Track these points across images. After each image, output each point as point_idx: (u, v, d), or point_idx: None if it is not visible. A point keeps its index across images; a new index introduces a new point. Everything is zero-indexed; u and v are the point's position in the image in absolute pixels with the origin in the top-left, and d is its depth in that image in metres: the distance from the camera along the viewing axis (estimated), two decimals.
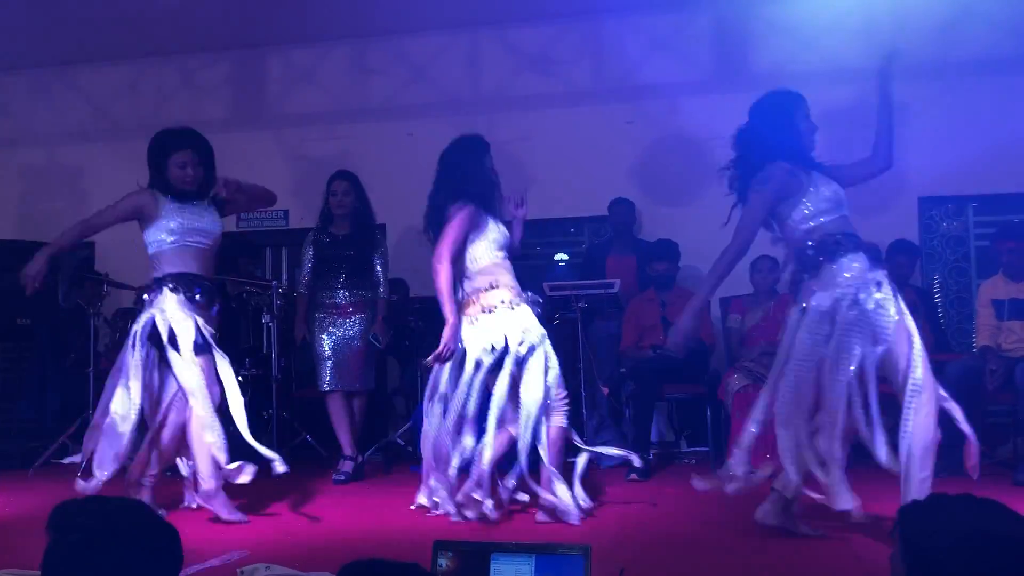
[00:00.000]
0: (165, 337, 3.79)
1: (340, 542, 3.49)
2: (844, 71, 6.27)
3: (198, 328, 3.85)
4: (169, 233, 3.93)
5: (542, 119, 6.85)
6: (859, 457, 5.42)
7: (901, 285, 5.62)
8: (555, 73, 6.87)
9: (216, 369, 3.90)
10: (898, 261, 5.63)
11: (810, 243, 3.32)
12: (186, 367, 3.78)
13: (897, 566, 1.51)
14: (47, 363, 6.10)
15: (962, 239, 6.48)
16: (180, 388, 3.84)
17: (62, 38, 7.06)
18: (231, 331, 6.10)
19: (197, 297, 3.87)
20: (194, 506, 4.01)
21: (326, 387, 5.15)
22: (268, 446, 5.58)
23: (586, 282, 5.70)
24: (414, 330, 5.89)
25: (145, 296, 3.94)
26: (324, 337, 5.18)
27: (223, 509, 3.87)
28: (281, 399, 5.70)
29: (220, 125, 7.40)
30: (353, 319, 5.19)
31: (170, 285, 3.86)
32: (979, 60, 6.14)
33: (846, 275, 3.24)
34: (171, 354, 3.80)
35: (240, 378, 5.76)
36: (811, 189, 3.37)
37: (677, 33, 6.66)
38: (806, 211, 3.35)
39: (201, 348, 3.84)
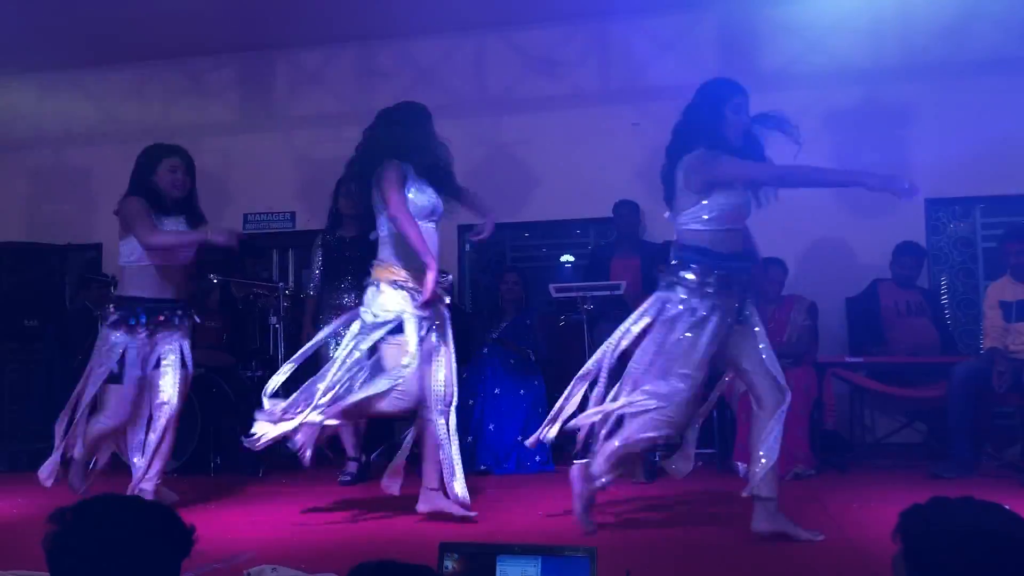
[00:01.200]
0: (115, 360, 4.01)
1: (346, 543, 3.50)
2: (851, 71, 6.28)
3: (137, 349, 4.01)
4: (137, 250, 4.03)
5: (548, 121, 6.85)
6: (857, 459, 5.43)
7: (908, 286, 5.63)
8: (561, 75, 6.87)
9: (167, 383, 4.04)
10: (903, 262, 5.62)
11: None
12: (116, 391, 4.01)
13: (900, 568, 1.51)
14: (54, 364, 6.12)
15: (969, 240, 6.47)
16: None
17: (70, 41, 7.09)
18: (238, 332, 6.13)
19: (140, 321, 4.00)
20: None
21: None
22: (275, 447, 5.65)
23: (592, 284, 5.70)
24: None
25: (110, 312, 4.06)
26: (331, 339, 5.19)
27: None
28: None
29: (227, 127, 7.45)
30: None
31: (114, 317, 4.02)
32: (986, 60, 6.13)
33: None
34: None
35: (247, 379, 5.84)
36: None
37: (683, 34, 6.66)
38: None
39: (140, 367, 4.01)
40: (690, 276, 3.36)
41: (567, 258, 7.26)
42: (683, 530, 3.71)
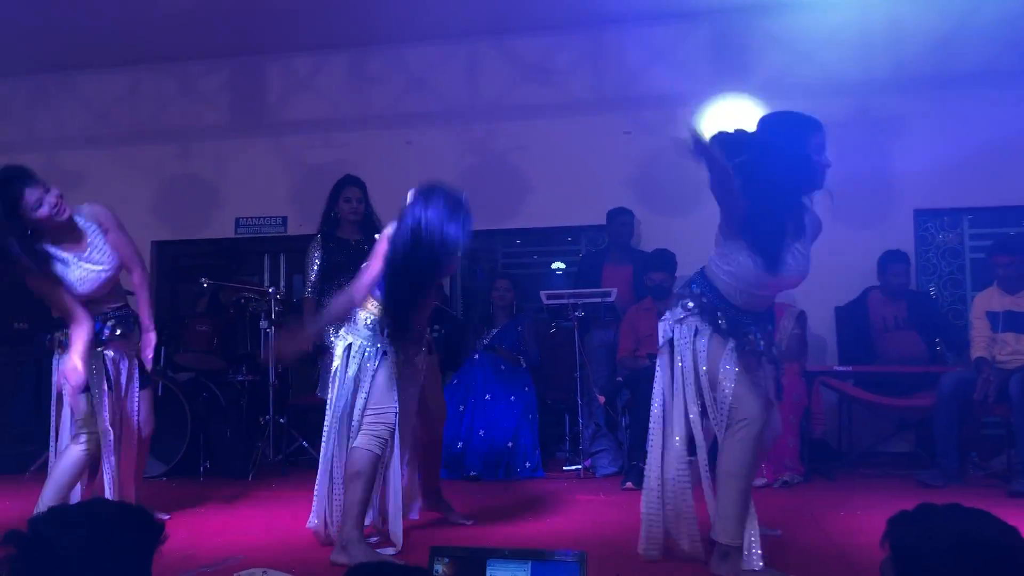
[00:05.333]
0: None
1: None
2: (841, 83, 6.32)
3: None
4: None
5: (540, 128, 6.88)
6: (845, 468, 5.46)
7: (898, 295, 5.67)
8: (554, 83, 6.90)
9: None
10: (895, 270, 5.66)
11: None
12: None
13: (888, 574, 1.53)
14: (43, 367, 6.09)
15: (957, 251, 6.52)
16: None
17: (63, 45, 7.08)
18: (228, 337, 6.12)
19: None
20: None
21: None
22: (265, 451, 5.65)
23: (583, 291, 5.72)
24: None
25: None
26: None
27: None
28: (278, 405, 5.71)
29: (219, 132, 7.45)
30: None
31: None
32: (975, 73, 6.19)
33: None
34: None
35: (237, 383, 5.83)
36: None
37: (676, 44, 6.70)
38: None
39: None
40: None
41: (558, 265, 7.28)
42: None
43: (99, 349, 3.76)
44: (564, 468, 5.59)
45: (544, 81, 6.92)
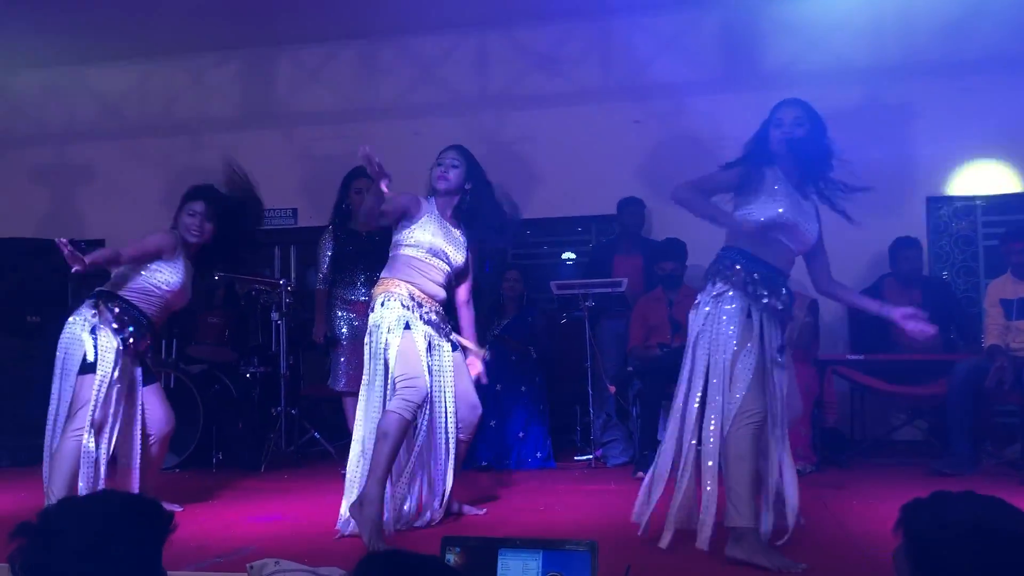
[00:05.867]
0: None
1: (348, 538, 3.51)
2: (852, 70, 6.28)
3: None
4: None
5: (550, 118, 6.86)
6: (858, 456, 5.44)
7: (915, 280, 5.63)
8: (563, 73, 6.88)
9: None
10: (908, 256, 5.63)
11: None
12: None
13: (901, 562, 1.52)
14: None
15: (970, 239, 6.48)
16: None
17: (73, 39, 7.10)
18: (240, 329, 6.14)
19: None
20: None
21: (342, 387, 5.16)
22: (277, 442, 5.67)
23: (594, 280, 5.71)
24: None
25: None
26: (343, 335, 5.20)
27: None
28: (289, 396, 5.73)
29: (229, 124, 7.46)
30: None
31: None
32: (987, 59, 6.14)
33: None
34: None
35: (249, 375, 5.85)
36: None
37: (685, 32, 6.66)
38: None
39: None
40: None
41: (568, 255, 7.27)
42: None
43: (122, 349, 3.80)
44: (575, 458, 5.59)
45: (553, 71, 6.89)
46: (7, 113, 7.80)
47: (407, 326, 3.61)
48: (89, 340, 3.71)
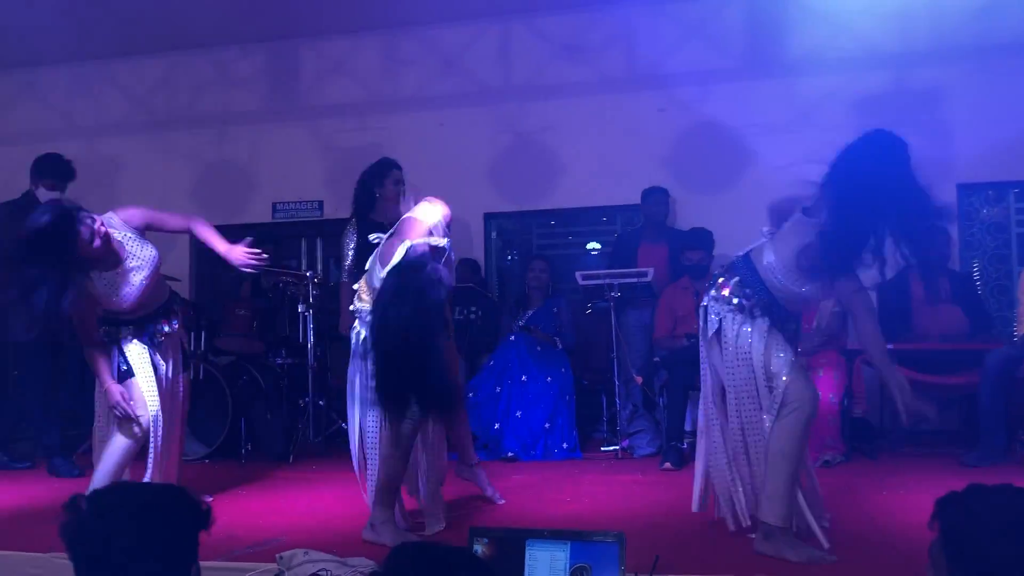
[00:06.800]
0: None
1: None
2: (881, 55, 6.19)
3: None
4: None
5: (573, 107, 6.83)
6: (887, 447, 5.39)
7: (942, 270, 5.56)
8: (587, 61, 6.84)
9: None
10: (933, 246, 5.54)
11: None
12: None
13: (937, 556, 1.50)
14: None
15: (1002, 226, 6.37)
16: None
17: (100, 33, 7.15)
18: (268, 320, 6.18)
19: None
20: None
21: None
22: (304, 433, 5.70)
23: (619, 271, 5.69)
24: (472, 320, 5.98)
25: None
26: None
27: None
28: (317, 388, 5.76)
29: (253, 117, 7.50)
30: None
31: None
32: (1018, 42, 6.02)
33: None
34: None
35: (276, 367, 5.89)
36: None
37: (710, 19, 6.60)
38: None
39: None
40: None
41: (593, 245, 7.25)
42: (712, 516, 3.70)
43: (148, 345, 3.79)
44: (601, 449, 5.58)
45: (577, 59, 6.85)
46: (36, 107, 7.87)
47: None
48: (118, 356, 3.72)
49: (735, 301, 3.14)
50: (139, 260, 3.67)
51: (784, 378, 3.03)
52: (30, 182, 5.29)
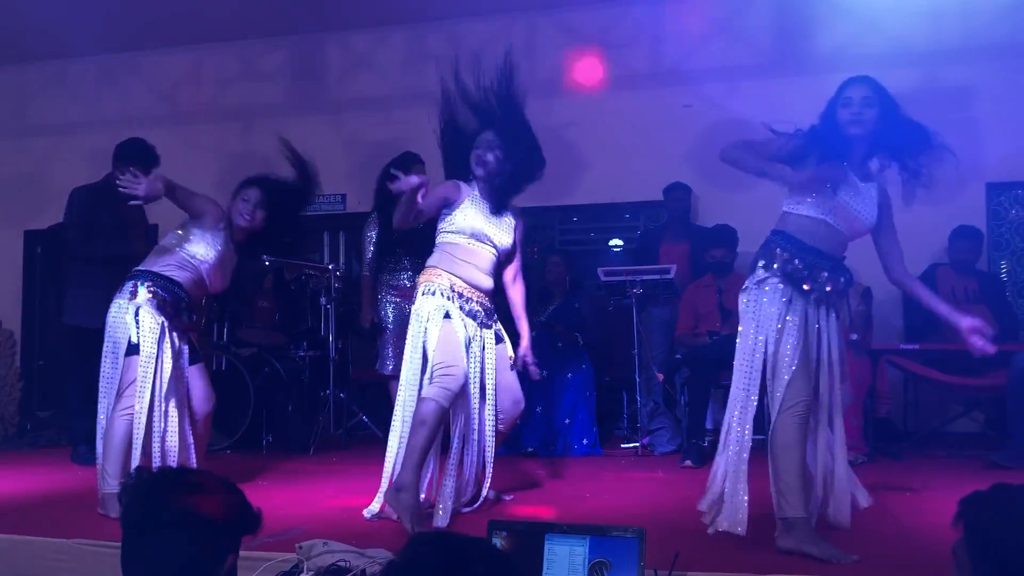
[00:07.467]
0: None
1: (396, 520, 3.53)
2: (909, 53, 6.12)
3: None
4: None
5: (598, 103, 6.80)
6: (912, 448, 5.33)
7: (966, 272, 5.49)
8: (611, 57, 6.81)
9: None
10: (960, 246, 5.49)
11: None
12: None
13: (961, 556, 1.48)
14: (98, 342, 6.21)
15: None
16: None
17: (127, 26, 7.22)
18: (290, 313, 6.21)
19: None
20: None
21: (390, 371, 5.19)
22: (326, 425, 5.73)
23: (641, 267, 5.67)
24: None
25: None
26: (389, 320, 5.23)
27: None
28: (338, 380, 5.78)
29: (278, 110, 7.52)
30: None
31: None
32: None
33: None
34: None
35: (298, 359, 5.92)
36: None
37: (736, 15, 6.55)
38: None
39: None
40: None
41: (616, 242, 7.22)
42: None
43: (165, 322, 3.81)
44: (622, 446, 5.57)
45: (602, 55, 6.82)
46: (63, 100, 7.95)
47: (447, 315, 3.57)
48: (132, 322, 3.73)
49: (758, 269, 3.14)
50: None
51: (786, 376, 3.02)
52: (112, 166, 5.28)
